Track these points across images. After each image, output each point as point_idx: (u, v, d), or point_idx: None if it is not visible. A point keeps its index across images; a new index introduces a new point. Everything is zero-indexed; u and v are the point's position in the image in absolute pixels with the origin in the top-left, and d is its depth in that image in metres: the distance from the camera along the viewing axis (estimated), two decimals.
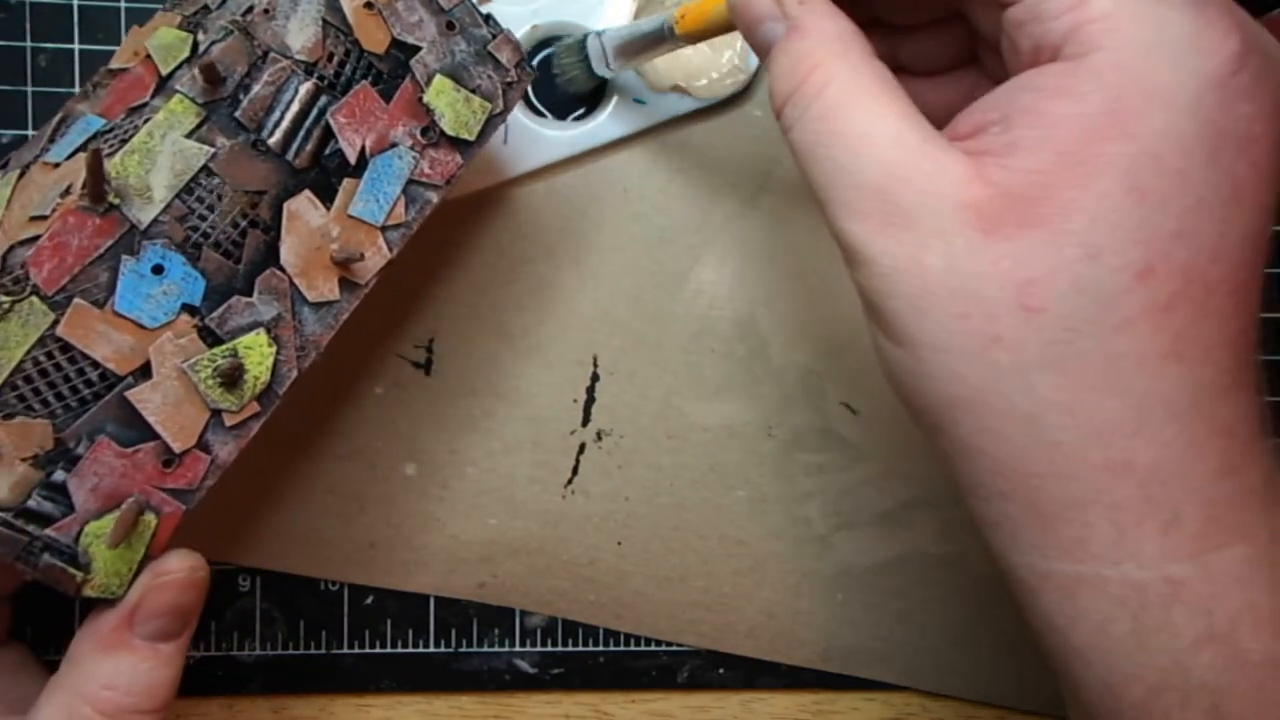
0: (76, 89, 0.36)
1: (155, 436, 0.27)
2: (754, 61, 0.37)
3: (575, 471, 0.38)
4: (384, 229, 0.29)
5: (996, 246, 0.22)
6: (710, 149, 0.38)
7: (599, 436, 0.38)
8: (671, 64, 0.38)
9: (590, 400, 0.38)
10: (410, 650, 0.37)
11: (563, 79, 0.37)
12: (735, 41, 0.37)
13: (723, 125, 0.38)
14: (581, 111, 0.38)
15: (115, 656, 0.26)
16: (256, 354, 0.28)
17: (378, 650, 0.37)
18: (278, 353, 0.28)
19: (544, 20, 0.37)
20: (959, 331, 0.22)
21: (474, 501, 0.37)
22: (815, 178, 0.24)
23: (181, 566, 0.27)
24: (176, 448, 0.27)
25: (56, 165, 0.27)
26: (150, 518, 0.27)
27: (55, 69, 0.36)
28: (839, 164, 0.24)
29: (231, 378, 0.27)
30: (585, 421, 0.38)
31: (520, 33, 0.37)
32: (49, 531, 0.26)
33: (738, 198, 0.38)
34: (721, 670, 0.38)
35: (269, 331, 0.28)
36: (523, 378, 0.38)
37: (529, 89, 0.38)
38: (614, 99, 0.37)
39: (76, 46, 0.36)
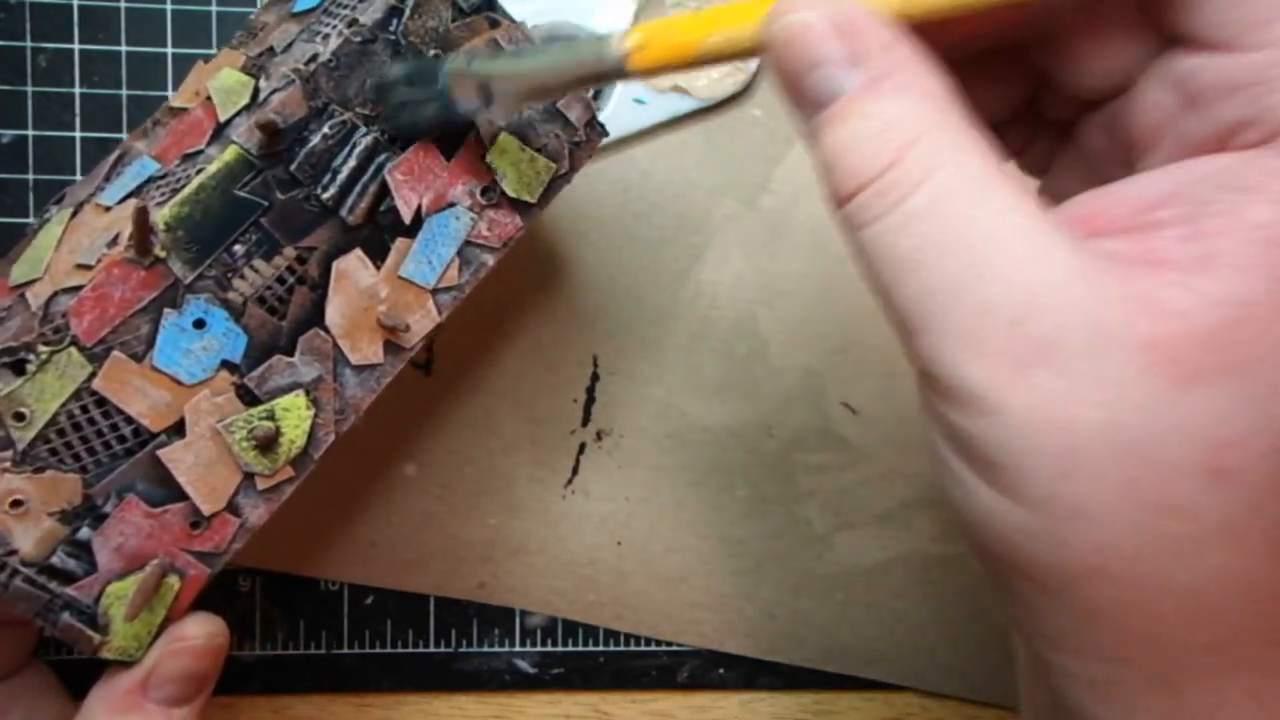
0: (76, 89, 0.35)
1: (185, 497, 0.26)
2: (753, 62, 0.36)
3: (575, 471, 0.37)
4: (435, 291, 0.28)
5: (1187, 400, 0.17)
6: (710, 149, 0.37)
7: (599, 436, 0.37)
8: None
9: (590, 400, 0.37)
10: (410, 650, 0.36)
11: (404, 113, 0.27)
12: None
13: (723, 125, 0.37)
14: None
15: (127, 719, 0.25)
16: (294, 416, 0.26)
17: (378, 650, 0.36)
18: (315, 416, 0.27)
19: (544, 20, 0.35)
20: (1120, 499, 0.17)
21: (474, 501, 0.36)
22: (906, 295, 0.18)
23: (200, 633, 0.26)
24: (206, 510, 0.26)
25: (108, 209, 0.26)
26: (173, 580, 0.26)
27: (55, 69, 0.35)
28: (953, 281, 0.18)
29: (266, 442, 0.26)
30: (585, 421, 0.37)
31: None
32: (70, 590, 0.25)
33: (738, 198, 0.37)
34: (721, 670, 0.37)
35: (308, 393, 0.26)
36: (523, 378, 0.36)
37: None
38: (614, 99, 0.36)
39: (76, 46, 0.35)
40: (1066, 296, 0.17)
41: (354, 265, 0.27)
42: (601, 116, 0.36)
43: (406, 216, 0.27)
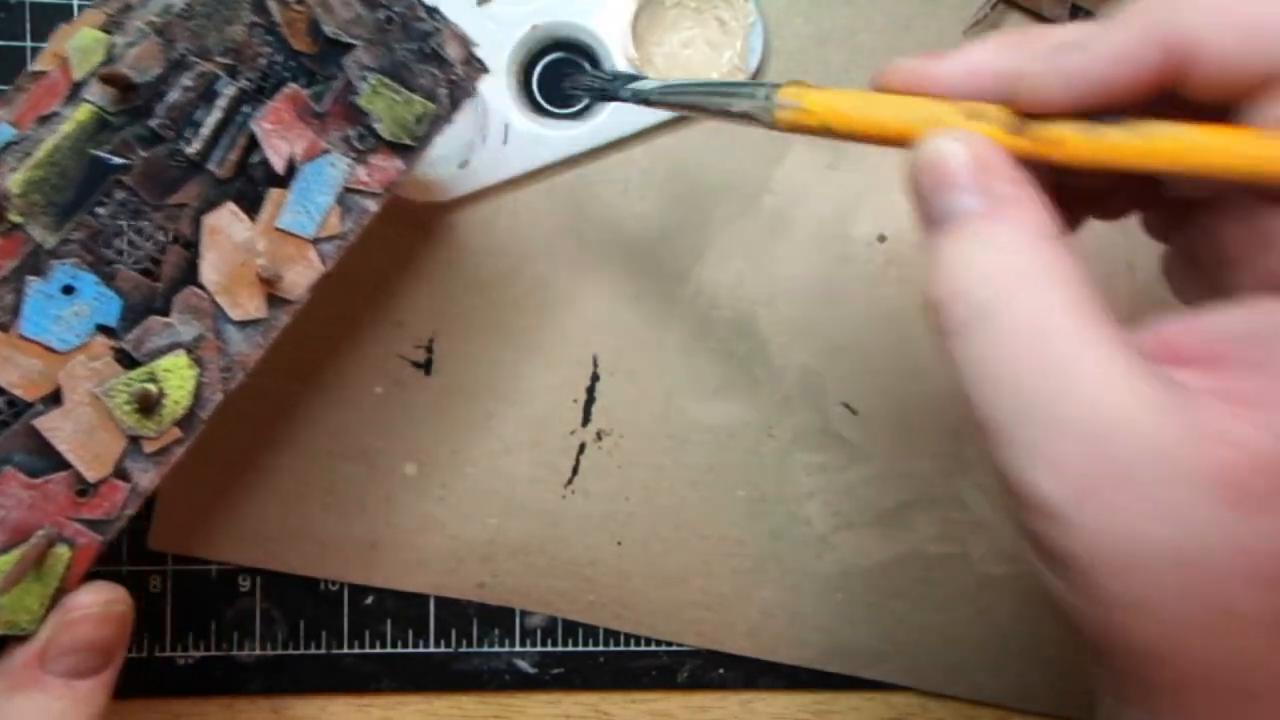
0: None
1: (67, 466, 0.25)
2: (754, 62, 0.35)
3: (575, 471, 0.36)
4: (316, 241, 0.27)
5: (1248, 521, 0.18)
6: (710, 149, 0.36)
7: (599, 436, 0.36)
8: (671, 64, 0.36)
9: (590, 400, 0.36)
10: (410, 650, 0.36)
11: (573, 92, 0.34)
12: (735, 41, 0.36)
13: (723, 125, 0.36)
14: (581, 108, 0.37)
15: (25, 695, 0.25)
16: (177, 377, 0.26)
17: (378, 650, 0.36)
18: (200, 375, 0.26)
19: (544, 20, 0.35)
20: (1178, 607, 0.19)
21: (474, 501, 0.36)
22: (988, 406, 0.20)
23: (95, 600, 0.25)
24: (91, 477, 0.25)
25: None
26: (63, 550, 0.25)
27: None
28: (1031, 398, 0.19)
29: (147, 404, 0.25)
30: (585, 421, 0.36)
31: (520, 33, 0.35)
32: None
33: (738, 198, 0.36)
34: (721, 670, 0.37)
35: (190, 353, 0.26)
36: (523, 378, 0.36)
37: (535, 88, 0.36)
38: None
39: None
40: (1140, 425, 0.18)
41: (226, 219, 0.26)
42: (601, 116, 0.36)
43: (279, 166, 0.26)
